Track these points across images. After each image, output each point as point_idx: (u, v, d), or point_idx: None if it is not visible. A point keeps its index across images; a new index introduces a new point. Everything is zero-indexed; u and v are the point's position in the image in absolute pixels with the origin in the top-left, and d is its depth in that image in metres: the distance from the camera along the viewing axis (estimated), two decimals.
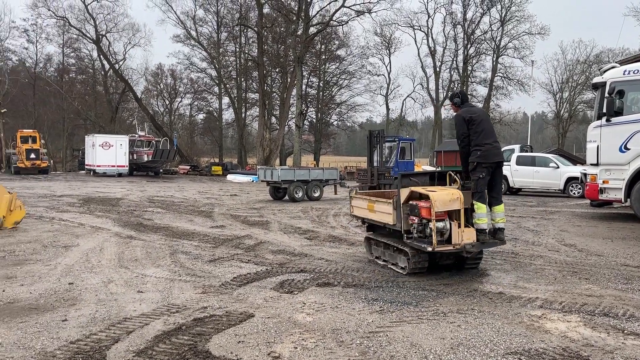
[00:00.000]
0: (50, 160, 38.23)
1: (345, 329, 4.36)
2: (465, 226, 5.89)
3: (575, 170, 20.08)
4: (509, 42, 50.58)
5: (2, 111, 39.16)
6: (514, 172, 21.36)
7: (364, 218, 7.22)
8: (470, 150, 6.33)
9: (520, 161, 21.43)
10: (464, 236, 5.84)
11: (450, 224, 5.82)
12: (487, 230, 6.22)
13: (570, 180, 19.94)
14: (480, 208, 6.12)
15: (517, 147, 25.05)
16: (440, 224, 5.73)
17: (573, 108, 53.94)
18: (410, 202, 6.04)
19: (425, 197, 5.80)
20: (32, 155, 32.81)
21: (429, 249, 5.74)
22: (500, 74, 51.62)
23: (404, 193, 6.10)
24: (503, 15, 49.54)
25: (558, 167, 20.40)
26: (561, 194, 20.70)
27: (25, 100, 49.52)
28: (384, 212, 6.48)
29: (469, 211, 6.15)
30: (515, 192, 21.98)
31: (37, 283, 5.84)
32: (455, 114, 6.73)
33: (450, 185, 6.44)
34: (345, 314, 4.76)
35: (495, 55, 51.06)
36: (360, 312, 4.82)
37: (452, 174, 6.48)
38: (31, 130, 36.28)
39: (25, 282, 5.89)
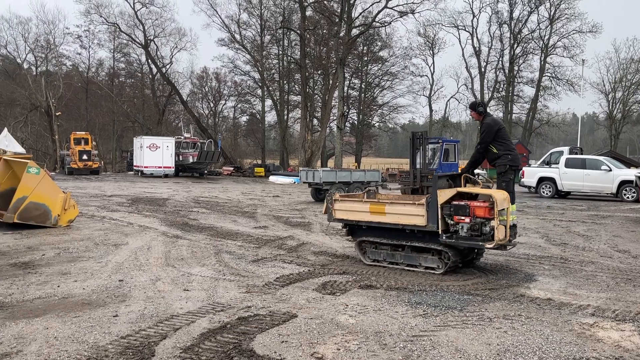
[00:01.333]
0: (101, 161, 39.60)
1: (389, 331, 4.33)
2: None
3: (629, 173, 19.26)
4: (558, 41, 49.01)
5: (57, 114, 40.86)
6: (563, 175, 20.68)
7: (359, 221, 7.01)
8: (481, 157, 7.11)
9: (570, 164, 20.73)
10: (502, 232, 6.03)
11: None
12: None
13: (623, 183, 19.13)
14: (511, 207, 6.41)
15: (566, 149, 24.28)
16: (497, 222, 5.92)
17: (627, 108, 51.64)
18: (454, 202, 6.17)
19: (478, 197, 6.11)
20: (84, 157, 34.06)
21: (489, 245, 5.95)
22: (549, 74, 50.07)
23: (445, 194, 6.21)
24: (552, 13, 48.03)
25: (610, 170, 19.60)
26: (613, 198, 19.90)
27: (78, 104, 51.57)
28: (407, 214, 6.47)
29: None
30: (564, 195, 21.27)
31: (90, 279, 6.07)
32: (480, 121, 7.23)
33: (465, 186, 6.73)
34: (388, 317, 4.73)
35: (543, 54, 49.56)
36: (404, 316, 4.78)
37: (472, 177, 6.80)
38: (83, 133, 37.72)
39: (79, 278, 6.13)
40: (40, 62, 52.35)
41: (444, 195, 6.20)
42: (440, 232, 6.20)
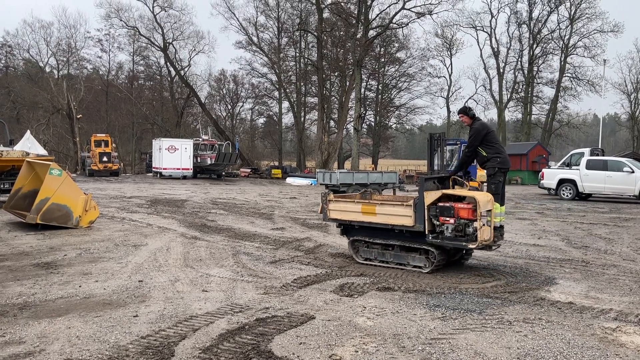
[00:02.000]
0: (120, 163, 40.10)
1: (407, 334, 4.31)
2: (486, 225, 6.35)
3: None
4: (578, 41, 48.44)
5: (78, 117, 41.56)
6: (584, 177, 20.38)
7: (351, 221, 7.23)
8: (468, 160, 7.30)
9: (591, 165, 20.42)
10: (487, 233, 6.27)
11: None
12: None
13: None
14: (497, 208, 6.66)
15: (587, 150, 23.93)
16: (481, 223, 6.12)
17: None
18: (440, 204, 6.40)
19: (461, 199, 6.33)
20: (105, 158, 34.55)
21: (472, 246, 6.16)
22: (569, 74, 49.49)
23: (431, 195, 6.44)
24: (572, 13, 47.47)
25: (633, 172, 19.26)
26: (636, 200, 19.53)
27: (98, 106, 52.39)
28: (396, 215, 6.70)
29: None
30: (584, 197, 20.95)
31: (110, 280, 6.15)
32: (468, 125, 7.38)
33: (452, 188, 6.94)
34: (406, 319, 4.71)
35: (563, 54, 48.98)
36: (422, 318, 4.75)
37: (459, 179, 7.02)
38: (104, 135, 38.27)
39: (100, 278, 6.22)
40: (62, 66, 53.46)
41: (430, 196, 6.42)
42: (426, 232, 6.42)
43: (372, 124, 56.92)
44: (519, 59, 51.44)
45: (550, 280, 6.37)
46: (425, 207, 6.37)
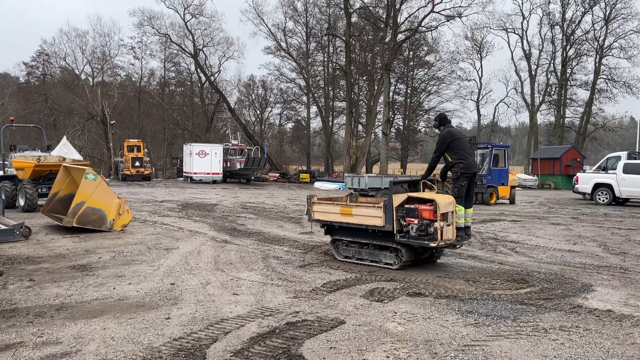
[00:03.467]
0: (152, 167, 40.82)
1: (439, 340, 4.25)
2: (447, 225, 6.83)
3: None
4: (614, 42, 47.11)
5: (112, 122, 42.55)
6: (621, 181, 19.78)
7: (332, 222, 7.72)
8: (435, 165, 7.68)
9: (628, 169, 19.80)
10: (450, 233, 6.77)
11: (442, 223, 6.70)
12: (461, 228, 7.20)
13: None
14: (460, 210, 7.14)
15: (624, 154, 23.23)
16: (441, 223, 6.57)
17: None
18: (406, 205, 6.84)
19: (425, 201, 6.71)
20: (137, 163, 35.22)
21: (433, 244, 6.57)
22: (604, 76, 48.14)
23: (399, 198, 6.89)
24: (607, 14, 46.21)
25: None
26: None
27: (131, 112, 53.52)
28: (369, 216, 7.14)
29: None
30: (621, 202, 20.33)
31: (143, 282, 6.26)
32: (438, 132, 7.81)
33: (423, 191, 7.47)
34: (438, 325, 4.64)
35: (598, 56, 47.71)
36: (454, 324, 4.67)
37: (429, 182, 7.60)
38: (136, 140, 39.06)
39: (133, 281, 6.33)
40: (97, 73, 54.85)
41: (398, 199, 6.89)
42: (395, 232, 6.86)
43: (401, 127, 56.54)
44: (552, 61, 50.38)
45: (587, 287, 6.19)
46: (394, 208, 6.81)
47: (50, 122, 50.69)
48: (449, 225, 6.74)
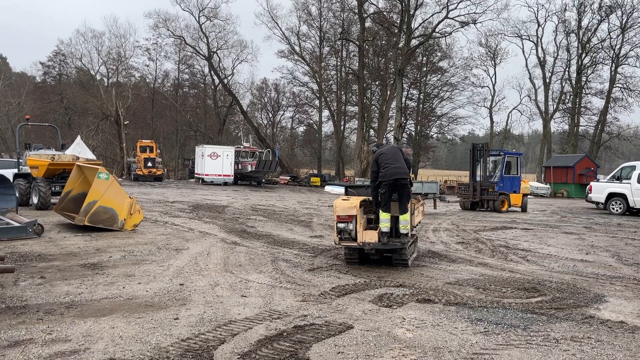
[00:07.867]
0: (164, 168, 41.07)
1: (448, 348, 4.21)
2: (373, 229, 7.37)
3: None
4: (630, 51, 46.58)
5: (125, 123, 42.92)
6: (635, 191, 19.54)
7: None
8: (374, 183, 7.69)
9: None
10: (366, 236, 7.22)
11: (355, 226, 7.17)
12: (388, 234, 7.33)
13: None
14: (383, 215, 7.33)
15: (638, 163, 22.92)
16: (341, 225, 7.17)
17: None
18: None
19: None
20: (149, 164, 35.46)
21: (334, 243, 7.29)
22: (620, 85, 47.65)
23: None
24: (624, 22, 45.75)
25: None
26: None
27: (144, 113, 53.98)
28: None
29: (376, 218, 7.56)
30: (635, 212, 20.06)
31: (152, 282, 6.28)
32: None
33: (347, 197, 7.85)
34: (447, 333, 4.60)
35: (614, 64, 47.24)
36: (463, 332, 4.63)
37: (350, 190, 8.32)
38: (149, 141, 39.34)
39: (142, 280, 6.36)
40: (112, 74, 55.44)
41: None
42: (336, 234, 7.40)
43: (413, 133, 56.36)
44: (567, 69, 49.94)
45: (600, 298, 6.11)
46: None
47: (65, 121, 51.33)
48: (362, 228, 7.23)
